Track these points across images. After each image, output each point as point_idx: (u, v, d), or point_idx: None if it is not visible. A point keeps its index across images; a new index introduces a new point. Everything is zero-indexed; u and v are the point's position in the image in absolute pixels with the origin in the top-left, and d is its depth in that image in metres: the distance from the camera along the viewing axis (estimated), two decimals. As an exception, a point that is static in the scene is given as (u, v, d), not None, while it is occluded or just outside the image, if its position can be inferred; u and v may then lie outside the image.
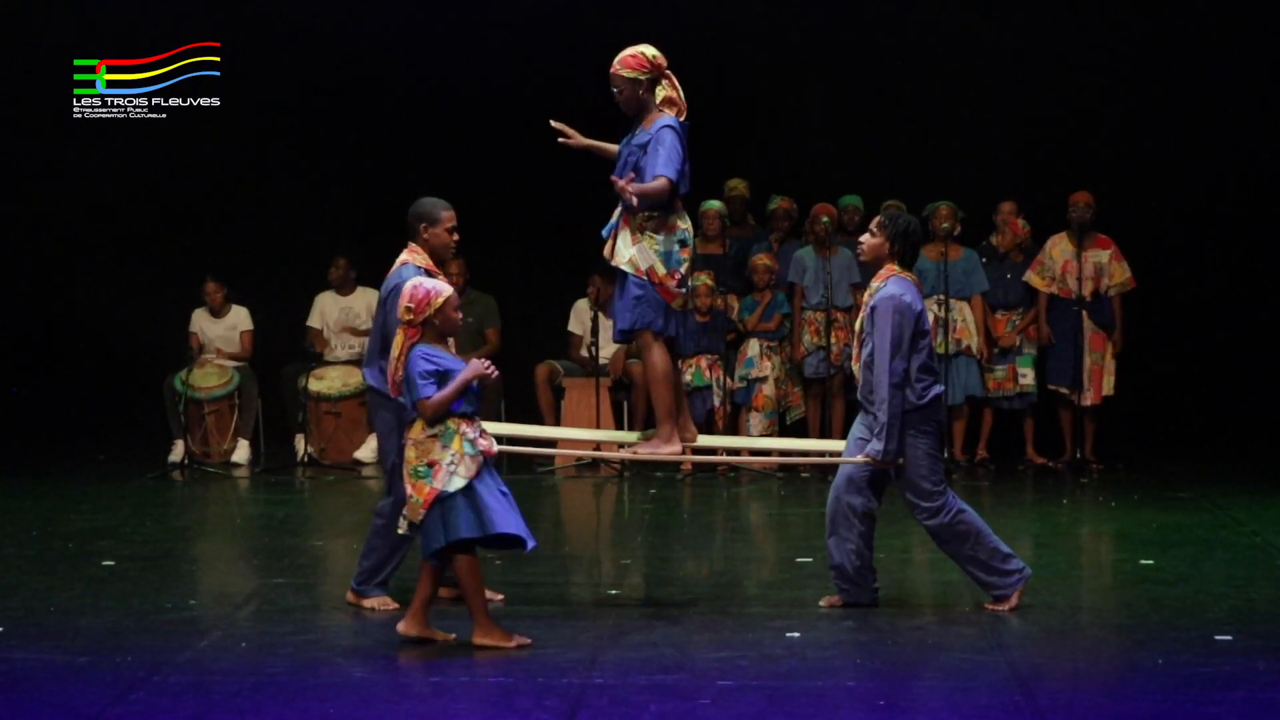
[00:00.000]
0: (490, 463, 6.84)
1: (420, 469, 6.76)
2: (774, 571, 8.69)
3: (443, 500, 6.73)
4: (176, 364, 12.51)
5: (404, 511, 6.84)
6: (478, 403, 6.90)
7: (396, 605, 7.44)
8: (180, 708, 6.00)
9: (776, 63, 13.37)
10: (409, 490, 6.79)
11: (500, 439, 8.72)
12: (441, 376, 6.74)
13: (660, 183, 7.54)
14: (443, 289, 6.87)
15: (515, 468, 12.04)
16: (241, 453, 12.48)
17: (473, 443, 6.76)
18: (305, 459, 12.26)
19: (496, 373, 6.88)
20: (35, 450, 13.00)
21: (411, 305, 6.80)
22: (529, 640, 6.81)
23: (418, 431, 6.79)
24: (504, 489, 6.86)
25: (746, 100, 13.22)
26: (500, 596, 7.72)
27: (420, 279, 6.95)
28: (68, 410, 13.66)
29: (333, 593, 7.90)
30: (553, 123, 7.80)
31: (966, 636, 7.04)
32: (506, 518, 6.79)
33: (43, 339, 13.80)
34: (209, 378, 12.49)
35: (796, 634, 7.03)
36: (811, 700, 6.13)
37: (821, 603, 7.58)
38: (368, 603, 7.52)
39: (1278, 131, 13.16)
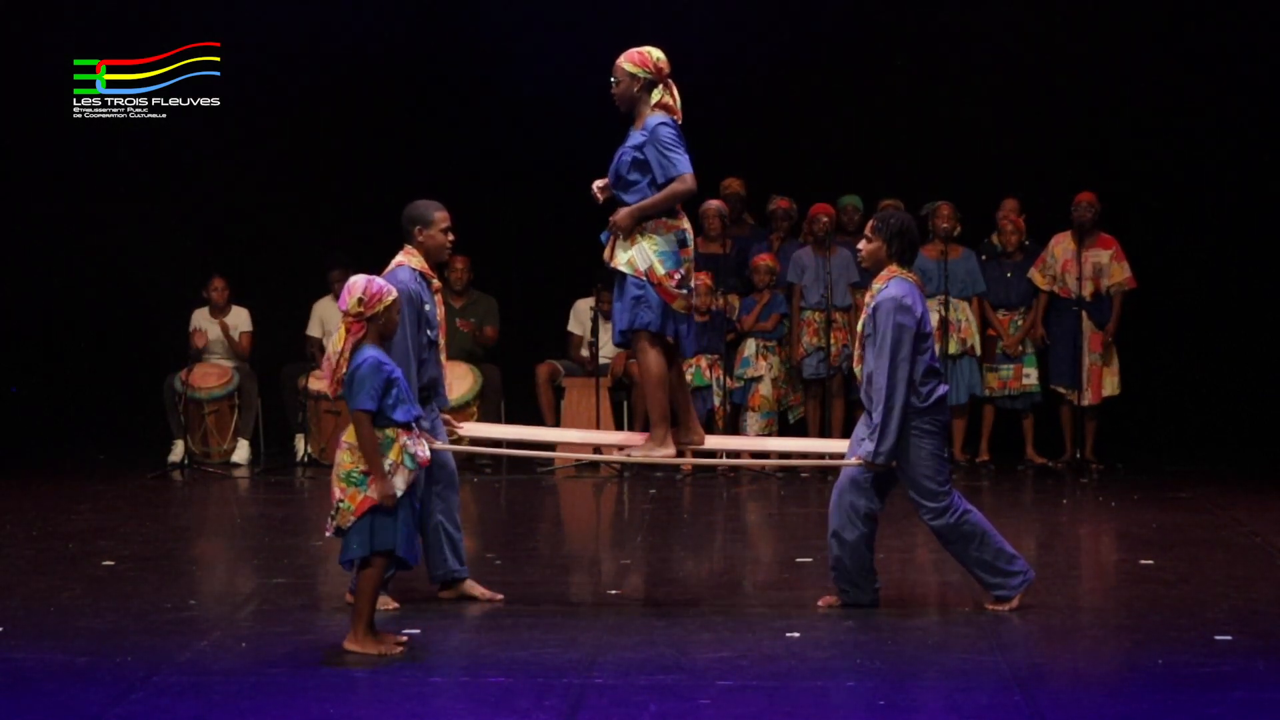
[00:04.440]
0: (420, 473, 6.77)
1: (355, 475, 6.67)
2: (774, 571, 8.69)
3: (375, 511, 6.66)
4: (176, 364, 12.51)
5: (331, 514, 6.72)
6: (416, 411, 6.83)
7: (397, 605, 7.44)
8: (180, 708, 6.00)
9: (776, 62, 13.37)
10: (338, 494, 6.68)
11: (500, 442, 8.75)
12: (388, 388, 6.65)
13: (676, 186, 7.56)
14: (394, 291, 6.79)
15: (515, 468, 12.05)
16: (241, 453, 12.47)
17: (412, 456, 6.69)
18: (305, 459, 12.27)
19: (391, 504, 6.69)
20: (35, 450, 13.00)
21: (364, 298, 6.68)
22: (405, 641, 6.73)
23: (354, 436, 6.71)
24: (417, 505, 6.80)
25: (746, 100, 13.22)
26: (499, 597, 7.72)
27: (366, 275, 6.83)
28: (68, 410, 13.65)
29: (333, 593, 7.90)
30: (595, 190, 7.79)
31: (966, 636, 7.04)
32: (411, 543, 6.72)
33: (43, 339, 13.80)
34: (209, 378, 12.49)
35: (796, 634, 7.03)
36: (811, 700, 6.13)
37: (820, 603, 7.57)
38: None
39: (1278, 131, 13.16)
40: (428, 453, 6.82)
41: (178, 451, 12.26)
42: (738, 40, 13.21)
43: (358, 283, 6.74)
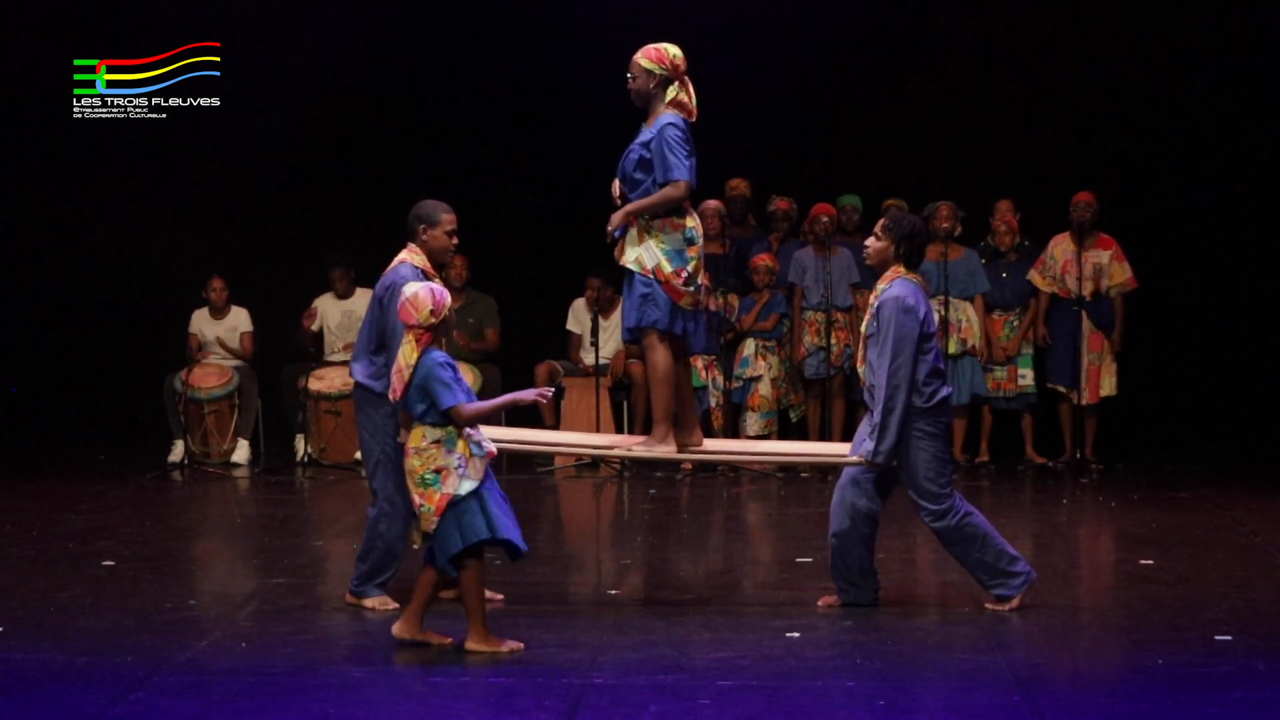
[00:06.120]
0: (490, 464, 6.84)
1: (428, 476, 6.69)
2: (773, 571, 8.69)
3: (455, 504, 6.67)
4: (176, 364, 12.51)
5: (413, 524, 6.78)
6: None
7: (396, 605, 7.44)
8: (180, 708, 6.01)
9: (777, 63, 13.36)
10: (417, 500, 6.70)
11: (498, 441, 8.75)
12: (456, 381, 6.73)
13: (668, 191, 7.58)
14: (446, 292, 6.85)
15: (515, 468, 12.05)
16: (241, 453, 12.47)
17: (479, 444, 6.74)
18: (305, 459, 12.26)
19: (545, 398, 6.86)
20: (35, 450, 13.00)
21: (434, 308, 6.70)
22: (521, 645, 6.77)
23: (419, 439, 6.72)
24: (502, 492, 6.84)
25: (746, 101, 13.21)
26: (500, 597, 7.72)
27: (425, 283, 6.89)
28: (68, 410, 13.65)
29: (333, 593, 7.90)
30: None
31: (966, 636, 7.04)
32: (509, 523, 6.76)
33: (43, 339, 13.80)
34: (209, 378, 12.49)
35: (796, 634, 7.03)
36: (811, 700, 6.13)
37: (820, 603, 7.58)
38: (368, 602, 7.52)
39: (1278, 131, 13.16)
40: (493, 446, 6.83)
41: (178, 451, 12.26)
42: (738, 42, 13.20)
43: (422, 295, 6.74)
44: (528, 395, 6.87)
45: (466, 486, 6.68)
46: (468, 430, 6.72)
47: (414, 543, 6.83)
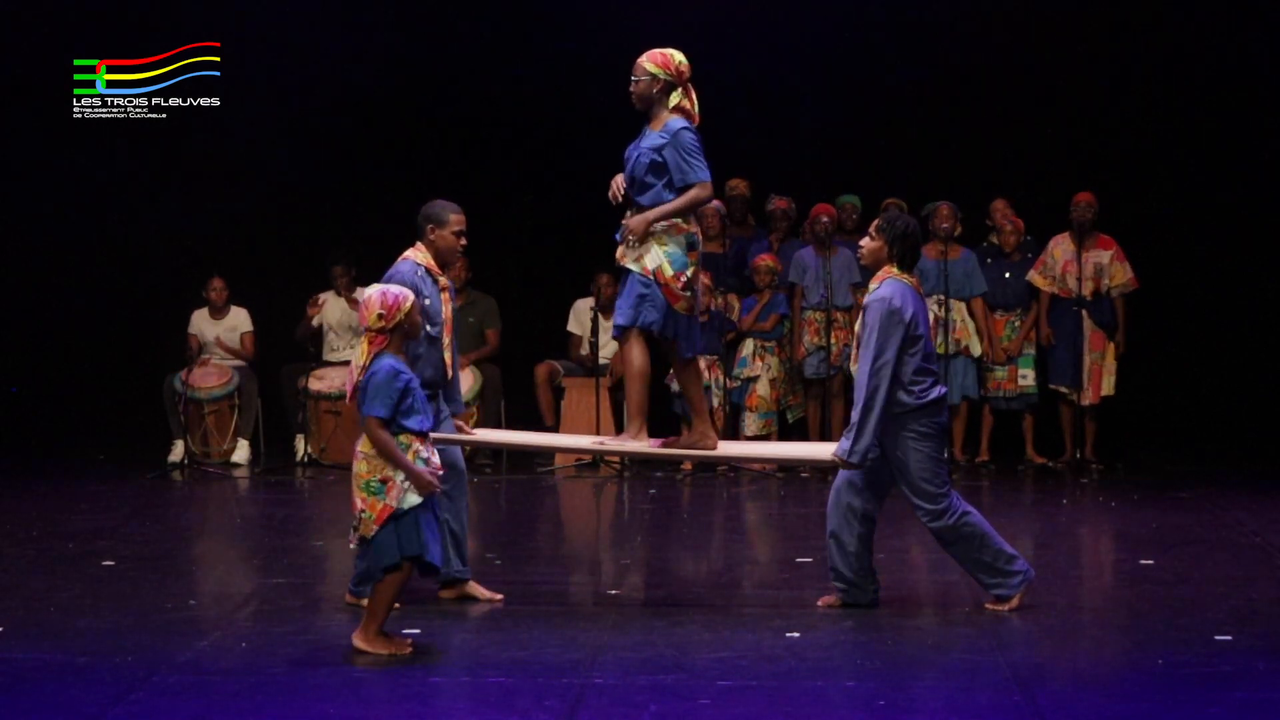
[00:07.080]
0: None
1: (373, 484, 6.66)
2: (774, 571, 8.69)
3: (397, 517, 6.65)
4: (176, 364, 12.51)
5: (354, 524, 6.72)
6: (430, 421, 6.85)
7: (398, 605, 7.43)
8: (180, 708, 6.01)
9: (775, 62, 13.37)
10: (359, 504, 6.68)
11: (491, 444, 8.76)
12: (403, 395, 6.65)
13: (695, 193, 7.61)
14: (409, 293, 6.80)
15: (515, 468, 12.06)
16: (241, 453, 12.47)
17: (426, 461, 6.69)
18: (305, 459, 12.27)
19: (437, 489, 6.77)
20: (35, 450, 13.00)
21: (384, 312, 6.68)
22: (410, 647, 6.72)
23: (369, 444, 6.71)
24: (438, 511, 6.79)
25: (746, 100, 13.21)
26: (499, 597, 7.73)
27: (381, 286, 6.85)
28: (68, 410, 13.65)
29: (333, 593, 7.90)
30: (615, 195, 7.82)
31: (966, 636, 7.04)
32: (436, 548, 6.71)
33: (43, 339, 13.80)
34: (209, 378, 12.49)
35: (796, 634, 7.03)
36: (811, 700, 6.13)
37: (820, 603, 7.58)
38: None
39: (1278, 131, 13.16)
40: (439, 464, 6.81)
41: (178, 451, 12.26)
42: (739, 42, 13.20)
43: (374, 297, 6.73)
44: (424, 478, 6.68)
45: (410, 501, 6.65)
46: (417, 445, 6.66)
47: (350, 543, 6.81)
